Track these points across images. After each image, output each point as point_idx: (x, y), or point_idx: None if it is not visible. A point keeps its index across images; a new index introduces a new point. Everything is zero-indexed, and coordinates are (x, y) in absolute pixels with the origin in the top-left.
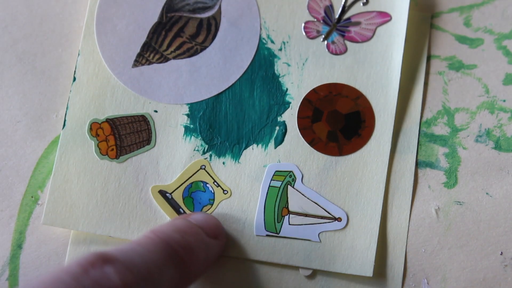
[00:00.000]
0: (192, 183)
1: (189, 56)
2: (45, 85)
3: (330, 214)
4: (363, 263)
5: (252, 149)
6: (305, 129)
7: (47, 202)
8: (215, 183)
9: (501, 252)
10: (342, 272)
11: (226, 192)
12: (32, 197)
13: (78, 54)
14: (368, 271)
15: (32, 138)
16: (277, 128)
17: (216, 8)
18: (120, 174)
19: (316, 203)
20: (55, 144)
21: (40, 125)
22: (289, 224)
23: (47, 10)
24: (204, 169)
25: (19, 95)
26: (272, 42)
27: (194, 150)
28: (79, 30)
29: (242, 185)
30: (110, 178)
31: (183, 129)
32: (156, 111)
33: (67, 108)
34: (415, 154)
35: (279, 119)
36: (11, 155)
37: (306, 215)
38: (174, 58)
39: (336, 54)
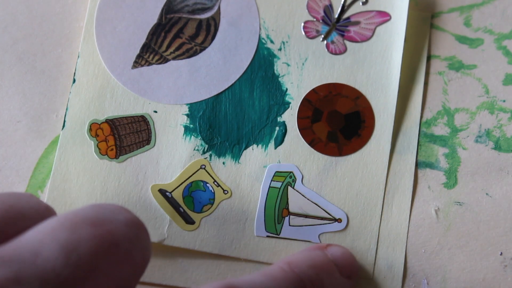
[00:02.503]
0: (192, 182)
1: (189, 57)
2: (45, 85)
3: (330, 215)
4: (363, 264)
5: (252, 149)
6: (305, 129)
7: (47, 201)
8: (215, 183)
9: (501, 253)
10: None
11: (226, 192)
12: None
13: (78, 56)
14: (368, 273)
15: (32, 138)
16: (277, 128)
17: (215, 8)
18: (119, 173)
19: (316, 204)
20: (55, 144)
21: (40, 125)
22: (290, 225)
23: (47, 10)
24: (204, 168)
25: (19, 95)
26: (272, 42)
27: (194, 149)
28: (79, 30)
29: (242, 185)
30: (110, 177)
31: (183, 129)
32: (155, 112)
33: (66, 109)
34: (415, 155)
35: (279, 119)
36: (11, 155)
37: (306, 216)
38: (174, 59)
39: (335, 54)
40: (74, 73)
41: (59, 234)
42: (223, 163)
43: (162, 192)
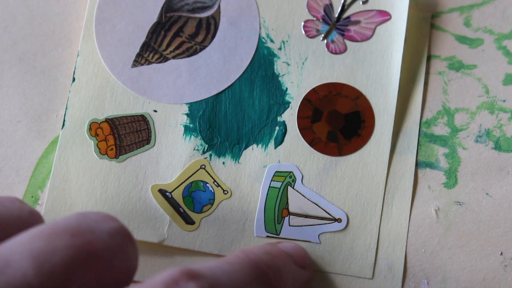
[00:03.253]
0: (192, 182)
1: (189, 56)
2: (45, 85)
3: (330, 215)
4: (363, 265)
5: (252, 149)
6: (305, 129)
7: (46, 201)
8: (215, 183)
9: (501, 252)
10: (342, 273)
11: (226, 192)
12: (32, 197)
13: (78, 55)
14: (368, 273)
15: (32, 138)
16: (277, 128)
17: (215, 7)
18: (119, 173)
19: (316, 204)
20: (55, 144)
21: (40, 125)
22: (289, 225)
23: (47, 10)
24: (204, 168)
25: (19, 95)
26: (272, 41)
27: (194, 149)
28: (79, 30)
29: (242, 185)
30: (110, 177)
31: (183, 128)
32: (155, 111)
33: (66, 108)
34: (415, 155)
35: (279, 119)
36: (11, 155)
37: (306, 216)
38: (174, 58)
39: (335, 53)
40: (74, 72)
41: (34, 243)
42: (223, 163)
43: (162, 192)
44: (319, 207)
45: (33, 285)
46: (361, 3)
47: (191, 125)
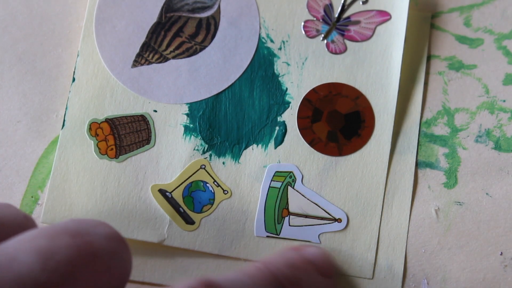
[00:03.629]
0: (192, 182)
1: (189, 56)
2: (45, 85)
3: (330, 215)
4: (363, 265)
5: (252, 149)
6: (305, 129)
7: (46, 201)
8: (215, 183)
9: (501, 252)
10: (342, 273)
11: (226, 192)
12: (32, 197)
13: (78, 55)
14: (368, 273)
15: (32, 138)
16: (277, 128)
17: (215, 7)
18: (119, 173)
19: (316, 204)
20: (55, 144)
21: (40, 125)
22: (289, 225)
23: (47, 10)
24: (204, 168)
25: (19, 95)
26: (272, 41)
27: (194, 149)
28: (79, 30)
29: (242, 185)
30: (110, 177)
31: (183, 128)
32: (155, 111)
33: (66, 108)
34: (415, 155)
35: (279, 119)
36: (11, 155)
37: (306, 216)
38: (174, 58)
39: (335, 53)
40: (74, 72)
41: (37, 241)
42: (223, 163)
43: (162, 192)
44: (319, 207)
45: (40, 280)
46: (361, 3)
47: (191, 125)
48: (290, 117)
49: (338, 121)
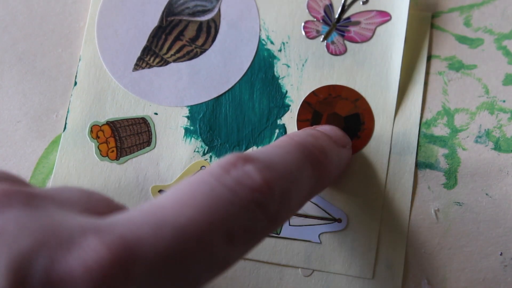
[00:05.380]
0: None
1: (189, 59)
2: (45, 85)
3: (330, 215)
4: (363, 265)
5: (252, 151)
6: None
7: None
8: None
9: (501, 253)
10: (342, 273)
11: None
12: None
13: (80, 59)
14: (368, 273)
15: (32, 138)
16: (277, 131)
17: (216, 10)
18: (120, 175)
19: (316, 204)
20: (55, 144)
21: (40, 125)
22: (290, 225)
23: (47, 10)
24: None
25: (19, 95)
26: (272, 43)
27: (194, 151)
28: (79, 30)
29: None
30: (110, 179)
31: (183, 130)
32: (156, 114)
33: (68, 111)
34: (415, 155)
35: (278, 122)
36: (11, 155)
37: (306, 216)
38: (174, 61)
39: (335, 54)
40: (76, 76)
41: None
42: None
43: (163, 193)
44: (319, 207)
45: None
46: (361, 3)
47: (192, 127)
48: (289, 120)
49: (338, 123)
